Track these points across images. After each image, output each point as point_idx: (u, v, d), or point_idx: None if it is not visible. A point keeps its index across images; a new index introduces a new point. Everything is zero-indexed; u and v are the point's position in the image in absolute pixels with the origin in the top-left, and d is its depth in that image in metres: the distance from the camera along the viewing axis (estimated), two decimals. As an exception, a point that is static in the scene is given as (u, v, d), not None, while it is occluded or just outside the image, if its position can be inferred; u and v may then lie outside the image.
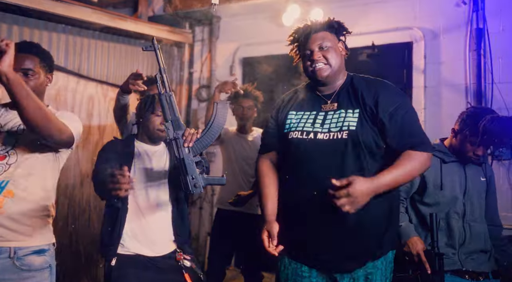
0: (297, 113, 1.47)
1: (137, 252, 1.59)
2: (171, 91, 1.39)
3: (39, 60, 1.51)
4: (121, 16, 3.00)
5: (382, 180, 1.26)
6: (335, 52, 1.41)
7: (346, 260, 1.33)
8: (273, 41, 3.57)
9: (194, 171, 1.37)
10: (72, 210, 2.70)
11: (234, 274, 3.45)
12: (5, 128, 1.49)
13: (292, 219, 1.41)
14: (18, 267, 1.41)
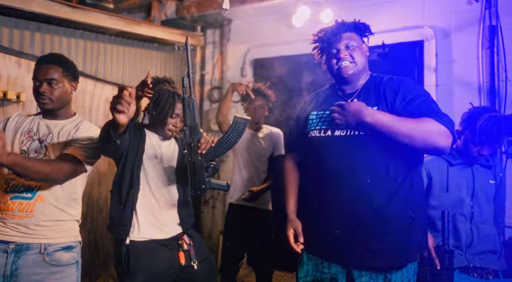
0: (317, 113, 1.52)
1: (151, 237, 1.66)
2: (195, 97, 1.45)
3: (62, 70, 1.59)
4: (136, 21, 3.09)
5: (379, 114, 1.29)
6: (360, 52, 1.45)
7: (365, 257, 1.34)
8: (283, 42, 3.62)
9: (202, 175, 1.47)
10: (90, 209, 2.79)
11: (247, 272, 3.51)
12: (37, 136, 1.58)
13: (313, 215, 1.45)
14: (47, 262, 1.50)
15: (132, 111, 1.28)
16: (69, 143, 1.57)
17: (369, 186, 1.33)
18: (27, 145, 1.56)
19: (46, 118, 1.63)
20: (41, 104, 1.57)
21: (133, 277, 1.59)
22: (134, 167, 1.65)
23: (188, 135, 1.45)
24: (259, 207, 2.54)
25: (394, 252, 1.34)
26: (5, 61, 2.20)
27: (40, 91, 1.54)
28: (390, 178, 1.34)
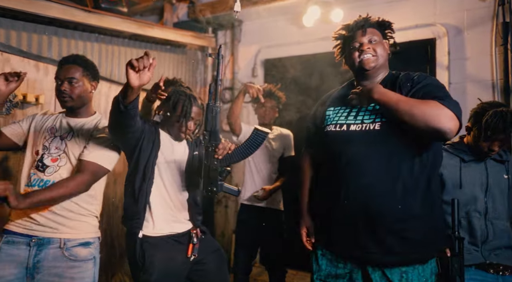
0: (335, 108, 1.53)
1: (166, 232, 1.71)
2: (219, 104, 1.47)
3: (83, 69, 1.67)
4: (149, 24, 3.15)
5: (387, 92, 1.32)
6: (382, 47, 1.47)
7: (379, 253, 1.34)
8: (294, 42, 3.64)
9: (215, 179, 1.50)
10: (106, 208, 2.86)
11: (260, 270, 3.53)
12: (59, 133, 1.66)
13: (328, 210, 1.46)
14: (66, 256, 1.55)
15: (147, 79, 1.32)
16: (90, 144, 1.63)
17: (384, 182, 1.33)
18: (49, 140, 1.64)
19: (68, 116, 1.71)
20: (62, 102, 1.64)
21: (148, 273, 1.63)
22: (148, 161, 1.68)
23: (207, 139, 1.49)
24: (271, 206, 2.56)
25: (409, 249, 1.33)
26: (24, 64, 2.28)
27: (61, 89, 1.62)
28: (405, 173, 1.33)
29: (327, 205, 1.46)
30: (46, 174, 1.58)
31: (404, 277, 1.33)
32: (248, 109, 3.79)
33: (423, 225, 1.33)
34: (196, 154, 1.85)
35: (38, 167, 1.60)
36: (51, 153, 1.62)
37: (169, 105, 1.76)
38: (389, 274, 1.34)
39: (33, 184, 1.58)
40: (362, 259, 1.38)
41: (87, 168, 1.58)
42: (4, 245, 1.54)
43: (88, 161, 1.59)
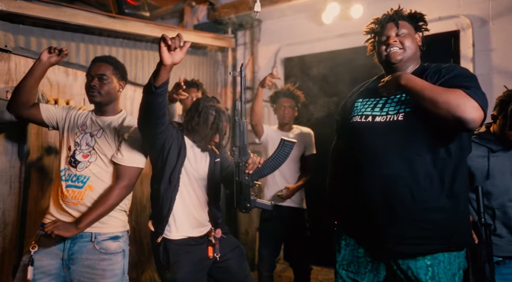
0: (363, 100, 1.54)
1: (188, 235, 1.79)
2: (245, 119, 1.52)
3: (113, 68, 1.77)
4: (170, 27, 3.23)
5: (414, 78, 1.31)
6: (411, 39, 1.46)
7: (403, 245, 1.33)
8: (313, 39, 3.64)
9: (248, 194, 1.53)
10: (134, 207, 2.95)
11: (284, 267, 3.56)
12: (89, 130, 1.75)
13: (351, 200, 1.47)
14: (97, 250, 1.65)
15: (178, 59, 1.38)
16: (122, 147, 1.71)
17: (406, 173, 1.33)
18: (80, 137, 1.74)
19: (97, 114, 1.80)
20: (91, 96, 1.73)
21: (173, 271, 1.71)
22: (175, 170, 1.74)
23: (237, 155, 1.53)
24: (294, 205, 2.58)
25: (430, 241, 1.32)
26: (55, 71, 2.39)
27: (91, 84, 1.71)
28: (428, 165, 1.32)
29: (350, 195, 1.47)
30: (78, 169, 1.69)
31: (430, 270, 1.32)
32: (269, 109, 3.82)
33: (446, 217, 1.32)
34: (217, 160, 1.91)
35: (71, 162, 1.70)
36: (82, 149, 1.72)
37: (199, 119, 1.79)
38: (414, 268, 1.33)
39: (67, 178, 1.69)
40: (384, 250, 1.39)
41: (124, 172, 1.70)
42: (43, 237, 1.65)
43: (125, 166, 1.70)
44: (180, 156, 1.76)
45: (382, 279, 1.45)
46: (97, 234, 1.66)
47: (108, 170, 1.73)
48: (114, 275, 1.66)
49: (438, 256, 1.32)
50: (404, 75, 1.35)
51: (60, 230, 1.53)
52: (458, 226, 1.35)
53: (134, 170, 1.72)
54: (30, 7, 2.09)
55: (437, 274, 1.31)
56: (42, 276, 1.59)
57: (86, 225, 1.60)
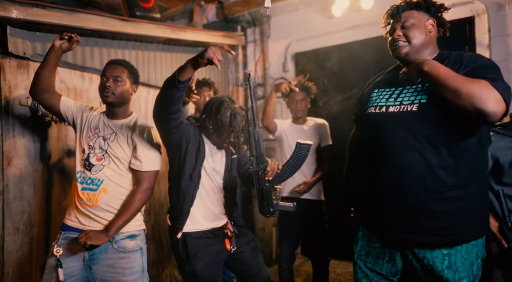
0: (379, 90, 1.54)
1: (204, 228, 1.84)
2: (260, 128, 1.56)
3: (127, 71, 1.83)
4: (181, 27, 3.26)
5: (438, 65, 1.28)
6: (418, 30, 1.43)
7: (418, 235, 1.33)
8: (324, 33, 3.62)
9: (270, 200, 1.58)
10: (152, 206, 3.01)
11: (301, 261, 3.57)
12: (102, 134, 1.80)
13: (366, 190, 1.48)
14: (116, 249, 1.71)
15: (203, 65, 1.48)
16: (138, 152, 1.76)
17: (419, 164, 1.32)
18: (93, 140, 1.79)
19: (109, 117, 1.84)
20: (105, 97, 1.78)
21: (192, 264, 1.76)
22: (196, 168, 1.79)
23: (255, 164, 1.57)
24: (312, 198, 2.59)
25: (449, 231, 1.31)
26: (71, 75, 2.45)
27: (106, 85, 1.76)
28: (442, 156, 1.31)
29: (366, 185, 1.48)
30: (92, 172, 1.74)
31: (447, 260, 1.31)
32: (281, 104, 3.83)
33: (462, 208, 1.31)
34: (234, 157, 1.95)
35: (86, 165, 1.76)
36: (95, 152, 1.77)
37: (215, 120, 1.82)
38: (430, 257, 1.33)
39: (82, 181, 1.75)
40: (399, 240, 1.39)
41: (144, 177, 1.76)
42: (63, 240, 1.72)
43: (143, 171, 1.76)
44: (199, 153, 1.80)
45: (400, 268, 1.46)
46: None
47: (121, 172, 1.77)
48: (134, 272, 1.72)
49: (455, 245, 1.32)
50: (428, 62, 1.31)
51: (93, 240, 1.60)
52: (475, 215, 1.34)
53: (151, 173, 1.78)
54: (46, 14, 2.15)
55: (454, 263, 1.31)
56: (66, 277, 1.66)
57: (115, 231, 1.67)
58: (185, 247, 1.78)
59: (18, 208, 2.09)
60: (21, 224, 2.10)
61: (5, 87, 2.05)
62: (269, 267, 3.45)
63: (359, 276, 1.54)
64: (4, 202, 2.03)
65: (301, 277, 3.27)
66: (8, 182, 2.05)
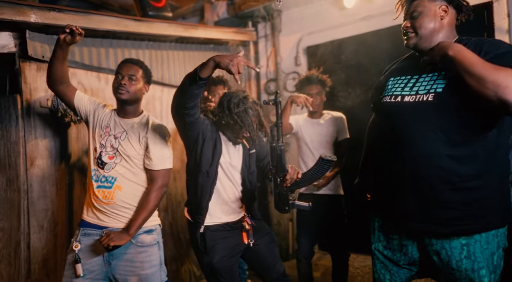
0: (394, 78, 1.52)
1: (222, 221, 1.88)
2: (282, 143, 1.60)
3: (142, 71, 1.87)
4: (192, 25, 3.28)
5: (464, 50, 1.22)
6: (426, 18, 1.39)
7: (434, 225, 1.32)
8: (336, 25, 3.58)
9: (286, 201, 1.63)
10: (170, 203, 3.06)
11: (319, 255, 3.58)
12: (113, 132, 1.84)
13: (382, 180, 1.48)
14: (134, 244, 1.76)
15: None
16: (151, 152, 1.81)
17: (435, 154, 1.31)
18: (105, 139, 1.83)
19: (120, 116, 1.88)
20: (119, 94, 1.81)
21: (210, 256, 1.82)
22: (212, 164, 1.82)
23: (275, 172, 1.63)
24: (330, 193, 2.56)
25: (466, 221, 1.29)
26: (88, 76, 2.50)
27: (121, 83, 1.80)
28: (458, 147, 1.29)
29: (382, 175, 1.48)
30: (105, 171, 1.79)
31: (465, 250, 1.30)
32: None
33: (481, 197, 1.29)
34: (253, 152, 1.97)
35: (98, 164, 1.81)
36: (107, 151, 1.81)
37: (228, 116, 1.83)
38: (448, 248, 1.32)
39: (96, 179, 1.80)
40: (415, 230, 1.38)
41: (157, 176, 1.81)
42: (82, 237, 1.78)
43: (156, 170, 1.81)
44: (216, 150, 1.83)
45: (417, 259, 1.45)
46: None
47: (133, 170, 1.82)
48: (152, 266, 1.77)
49: (474, 235, 1.30)
50: (453, 46, 1.25)
51: (115, 241, 1.65)
52: (495, 205, 1.31)
53: (164, 171, 1.82)
54: (62, 18, 2.20)
55: (473, 253, 1.29)
56: (86, 272, 1.71)
57: (136, 230, 1.72)
58: (203, 239, 1.83)
59: (42, 206, 2.16)
60: (45, 222, 2.18)
61: (26, 90, 2.11)
62: (285, 262, 3.47)
63: (378, 267, 1.54)
64: (29, 201, 2.10)
65: (319, 271, 3.28)
66: (32, 181, 2.12)
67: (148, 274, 1.75)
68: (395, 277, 1.50)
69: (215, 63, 1.51)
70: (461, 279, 1.31)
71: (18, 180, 2.06)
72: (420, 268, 1.47)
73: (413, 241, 1.42)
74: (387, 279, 1.51)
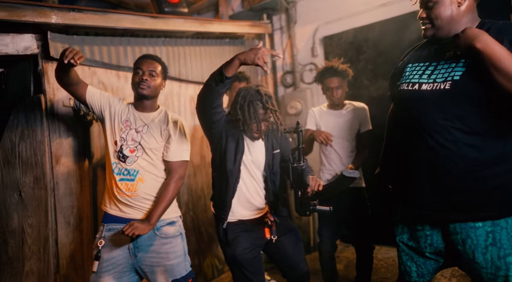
0: (412, 65, 1.48)
1: (243, 217, 1.91)
2: (303, 163, 1.65)
3: (161, 67, 1.90)
4: (208, 20, 3.27)
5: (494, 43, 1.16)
6: (442, 7, 1.33)
7: (458, 213, 1.30)
8: (353, 13, 3.50)
9: (308, 206, 1.67)
10: (190, 198, 3.09)
11: (341, 247, 3.55)
12: (133, 127, 1.87)
13: (402, 170, 1.46)
14: (158, 235, 1.81)
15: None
16: (170, 144, 1.85)
17: (451, 143, 1.28)
18: (125, 132, 1.86)
19: (138, 110, 1.91)
20: (140, 89, 1.84)
21: (233, 248, 1.87)
22: (236, 162, 1.85)
23: (294, 187, 1.68)
24: (353, 185, 2.49)
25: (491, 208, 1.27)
26: (107, 75, 2.54)
27: (143, 78, 1.83)
28: (476, 135, 1.26)
29: (401, 165, 1.45)
30: (127, 164, 1.82)
31: (491, 237, 1.27)
32: (312, 91, 3.77)
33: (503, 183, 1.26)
34: (277, 152, 1.97)
35: (120, 157, 1.83)
36: (128, 144, 1.84)
37: (237, 111, 1.85)
38: (474, 236, 1.29)
39: (118, 172, 1.83)
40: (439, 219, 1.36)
41: (175, 167, 1.85)
42: (107, 232, 1.82)
43: (174, 161, 1.85)
44: (238, 148, 1.86)
45: (443, 250, 1.42)
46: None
47: (154, 162, 1.86)
48: (177, 256, 1.82)
49: (499, 222, 1.27)
50: (481, 37, 1.18)
51: (139, 230, 1.69)
52: None
53: (181, 163, 1.87)
54: (82, 17, 2.23)
55: (499, 240, 1.26)
56: (113, 266, 1.75)
57: (156, 219, 1.76)
58: (226, 233, 1.88)
59: (68, 203, 2.22)
60: (72, 218, 2.24)
61: (49, 90, 2.16)
62: (307, 255, 3.46)
63: (403, 259, 1.52)
64: (56, 198, 2.16)
65: (341, 263, 3.25)
66: (57, 179, 2.17)
67: (173, 264, 1.80)
68: (422, 268, 1.47)
69: (241, 61, 1.54)
70: (487, 267, 1.29)
71: (44, 178, 2.12)
72: (447, 258, 1.44)
73: (437, 230, 1.40)
74: (414, 271, 1.49)
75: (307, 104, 3.67)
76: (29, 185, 2.11)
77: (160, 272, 1.78)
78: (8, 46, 2.06)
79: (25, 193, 2.09)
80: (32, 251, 2.08)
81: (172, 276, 1.79)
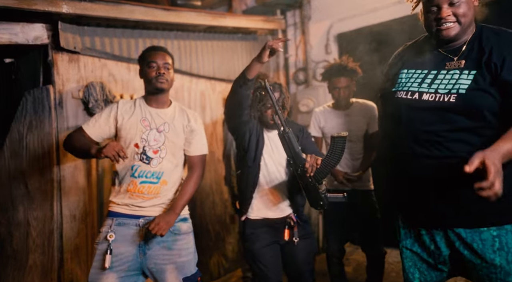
0: (408, 71, 1.39)
1: (264, 216, 1.90)
2: (288, 129, 1.59)
3: (172, 60, 1.85)
4: (221, 14, 3.22)
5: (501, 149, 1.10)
6: (467, 6, 1.25)
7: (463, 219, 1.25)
8: (368, 10, 3.41)
9: (317, 193, 1.59)
10: (198, 195, 3.05)
11: (351, 249, 3.47)
12: (154, 126, 1.78)
13: (398, 182, 1.39)
14: (171, 231, 1.75)
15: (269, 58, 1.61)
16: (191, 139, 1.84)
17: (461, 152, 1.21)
18: (146, 133, 1.76)
19: (152, 107, 1.81)
20: (159, 83, 1.75)
21: (250, 242, 1.89)
22: (256, 158, 1.86)
23: (293, 164, 1.62)
24: (360, 188, 2.42)
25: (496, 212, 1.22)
26: (118, 67, 2.50)
27: (161, 72, 1.75)
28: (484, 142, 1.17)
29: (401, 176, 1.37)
30: (152, 166, 1.73)
31: (497, 241, 1.21)
32: (324, 89, 3.69)
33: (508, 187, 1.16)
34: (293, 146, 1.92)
35: (143, 159, 1.73)
36: (151, 145, 1.74)
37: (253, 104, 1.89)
38: (479, 240, 1.23)
39: (140, 175, 1.72)
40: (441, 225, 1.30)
41: (196, 162, 1.85)
42: (116, 227, 1.72)
43: (195, 156, 1.85)
44: (259, 145, 1.88)
45: (447, 257, 1.35)
46: None
47: (175, 162, 1.80)
48: (189, 253, 1.79)
49: (505, 225, 1.22)
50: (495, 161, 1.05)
51: (167, 224, 1.68)
52: None
53: (202, 157, 1.87)
54: (94, 8, 2.19)
55: (506, 244, 1.21)
56: (120, 262, 1.67)
57: (181, 209, 1.76)
58: (245, 227, 1.92)
59: (74, 197, 2.19)
60: (77, 212, 2.20)
61: (58, 81, 2.13)
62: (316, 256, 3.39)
63: (406, 265, 1.46)
64: (62, 191, 2.13)
65: (350, 266, 3.18)
66: (64, 172, 2.14)
67: (184, 261, 1.75)
68: (425, 275, 1.41)
69: (257, 58, 1.60)
70: (496, 272, 1.23)
71: (51, 170, 2.09)
72: (451, 266, 1.37)
73: (441, 238, 1.33)
74: (417, 278, 1.43)
75: (319, 102, 3.59)
76: (35, 177, 2.08)
77: (170, 270, 1.72)
78: (18, 35, 2.02)
79: (31, 185, 2.07)
80: (36, 244, 2.06)
81: (183, 274, 1.73)
